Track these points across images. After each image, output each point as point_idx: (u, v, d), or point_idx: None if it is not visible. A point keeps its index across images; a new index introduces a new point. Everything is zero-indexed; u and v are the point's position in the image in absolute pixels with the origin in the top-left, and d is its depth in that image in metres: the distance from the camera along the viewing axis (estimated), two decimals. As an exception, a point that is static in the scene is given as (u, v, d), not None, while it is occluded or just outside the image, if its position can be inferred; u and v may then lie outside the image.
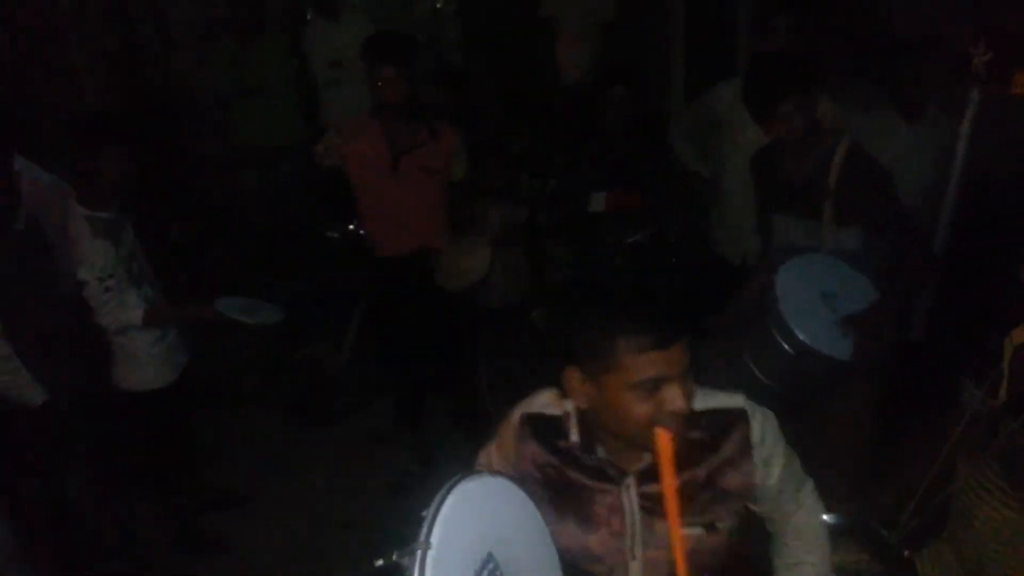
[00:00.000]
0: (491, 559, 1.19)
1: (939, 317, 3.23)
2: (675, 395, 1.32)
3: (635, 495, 1.48)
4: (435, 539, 1.11)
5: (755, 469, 1.51)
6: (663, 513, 1.39)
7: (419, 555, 1.09)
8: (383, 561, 1.10)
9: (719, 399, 1.51)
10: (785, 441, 1.56)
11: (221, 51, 5.13)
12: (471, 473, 1.26)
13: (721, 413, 1.50)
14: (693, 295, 3.46)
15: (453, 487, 1.19)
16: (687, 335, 1.34)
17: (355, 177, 3.46)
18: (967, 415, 1.79)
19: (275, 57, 5.14)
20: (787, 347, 2.47)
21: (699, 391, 1.47)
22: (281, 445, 4.04)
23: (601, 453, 1.48)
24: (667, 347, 1.30)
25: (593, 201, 3.43)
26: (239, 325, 3.13)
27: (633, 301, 1.35)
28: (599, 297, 1.38)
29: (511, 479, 1.37)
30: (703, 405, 1.47)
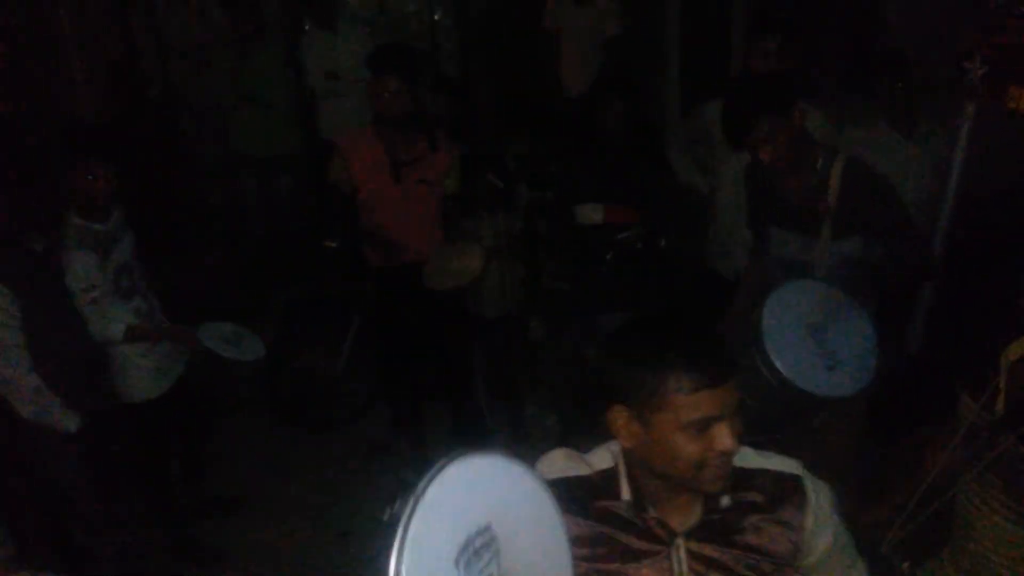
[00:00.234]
0: (489, 530, 1.14)
1: (935, 331, 3.25)
2: (724, 435, 1.31)
3: (685, 556, 1.42)
4: (430, 494, 1.08)
5: (804, 538, 1.46)
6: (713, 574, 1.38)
7: (410, 503, 1.06)
8: (388, 511, 1.08)
9: (774, 461, 1.49)
10: (840, 517, 1.53)
11: (219, 61, 5.15)
12: (493, 451, 1.22)
13: (776, 476, 1.47)
14: (686, 308, 3.47)
15: (465, 456, 1.16)
16: (736, 374, 1.33)
17: (356, 190, 3.46)
18: (964, 428, 1.80)
19: (272, 67, 5.16)
20: (770, 377, 2.43)
21: (754, 451, 1.47)
22: (278, 453, 4.03)
23: (652, 512, 1.43)
24: (718, 386, 1.30)
25: (588, 212, 3.42)
26: (216, 355, 3.18)
27: (685, 339, 1.34)
28: (651, 335, 1.37)
29: (539, 476, 1.30)
30: (758, 465, 1.46)
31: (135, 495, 3.40)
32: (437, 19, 6.17)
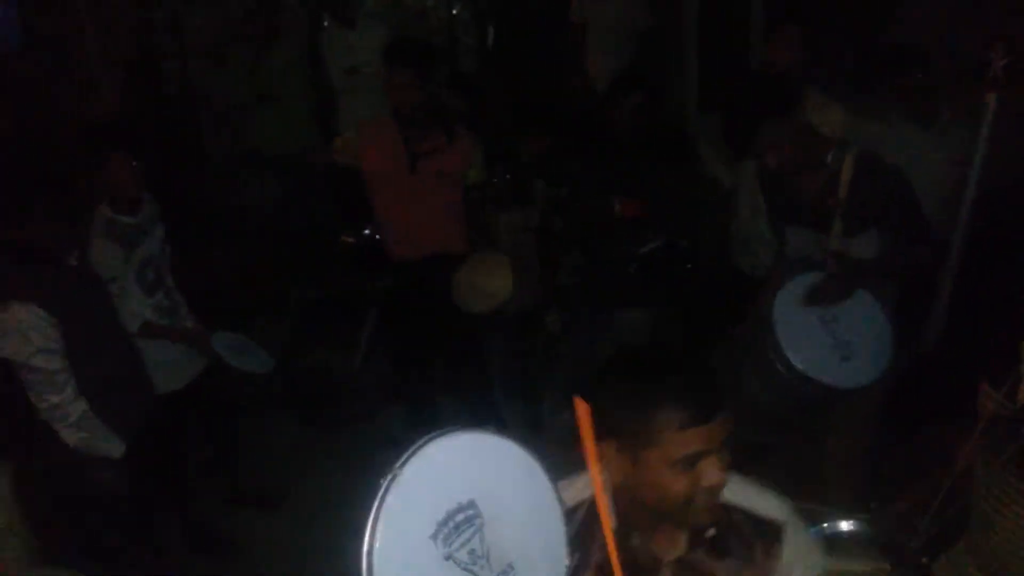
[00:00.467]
0: (472, 506, 1.14)
1: (955, 323, 3.20)
2: (713, 469, 1.31)
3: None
4: (408, 471, 1.09)
5: None
6: None
7: (386, 480, 1.08)
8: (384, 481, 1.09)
9: (760, 501, 1.47)
10: (820, 568, 1.51)
11: (237, 58, 5.16)
12: (481, 428, 1.23)
13: (756, 520, 1.46)
14: (711, 306, 3.45)
15: (449, 433, 1.16)
16: (726, 408, 1.32)
17: (371, 179, 3.47)
18: (985, 420, 1.78)
19: (291, 64, 5.17)
20: (784, 371, 2.44)
21: (746, 483, 1.45)
22: (295, 450, 4.05)
23: (636, 540, 1.44)
24: (707, 421, 1.30)
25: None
26: (225, 363, 3.21)
27: (674, 375, 1.33)
28: (640, 371, 1.37)
29: (532, 452, 1.29)
30: (745, 503, 1.45)
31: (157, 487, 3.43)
32: (455, 13, 6.16)
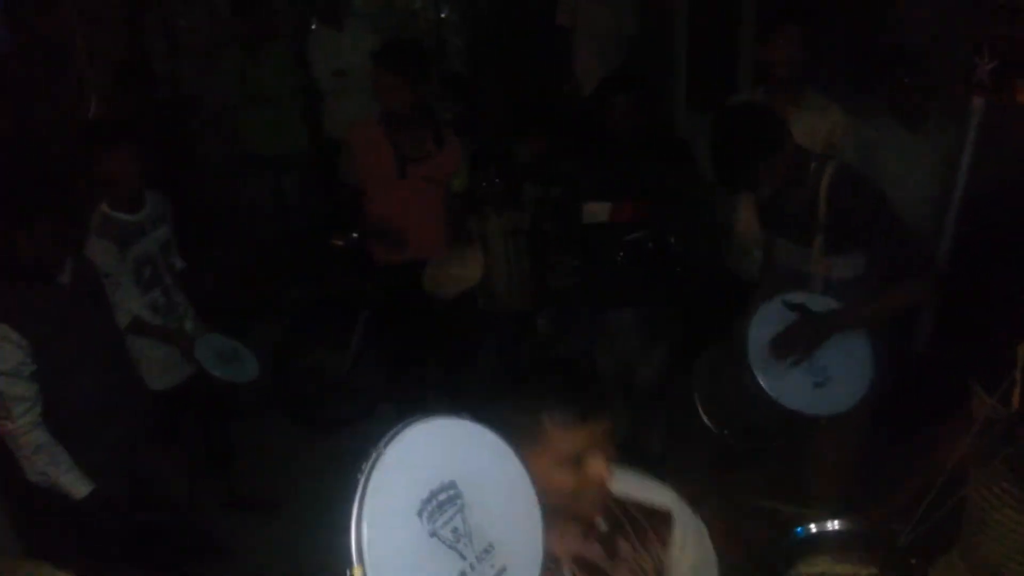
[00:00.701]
0: (454, 487, 1.17)
1: (945, 325, 3.23)
2: (599, 465, 1.35)
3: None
4: (391, 451, 1.12)
5: (668, 567, 1.51)
6: None
7: (372, 458, 1.11)
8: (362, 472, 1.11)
9: (648, 492, 1.52)
10: (709, 553, 1.56)
11: (228, 60, 5.14)
12: (460, 415, 1.27)
13: (648, 508, 1.51)
14: (701, 308, 3.45)
15: (430, 418, 1.21)
16: (609, 406, 1.37)
17: (360, 182, 3.47)
18: (979, 423, 1.79)
19: (281, 66, 5.16)
20: (758, 393, 2.40)
21: (633, 478, 1.50)
22: (287, 452, 4.03)
23: None
24: (591, 419, 1.33)
25: (595, 211, 3.41)
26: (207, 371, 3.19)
27: (557, 379, 1.37)
28: (523, 375, 1.41)
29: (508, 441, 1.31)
30: (634, 494, 1.49)
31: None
32: (444, 16, 6.15)
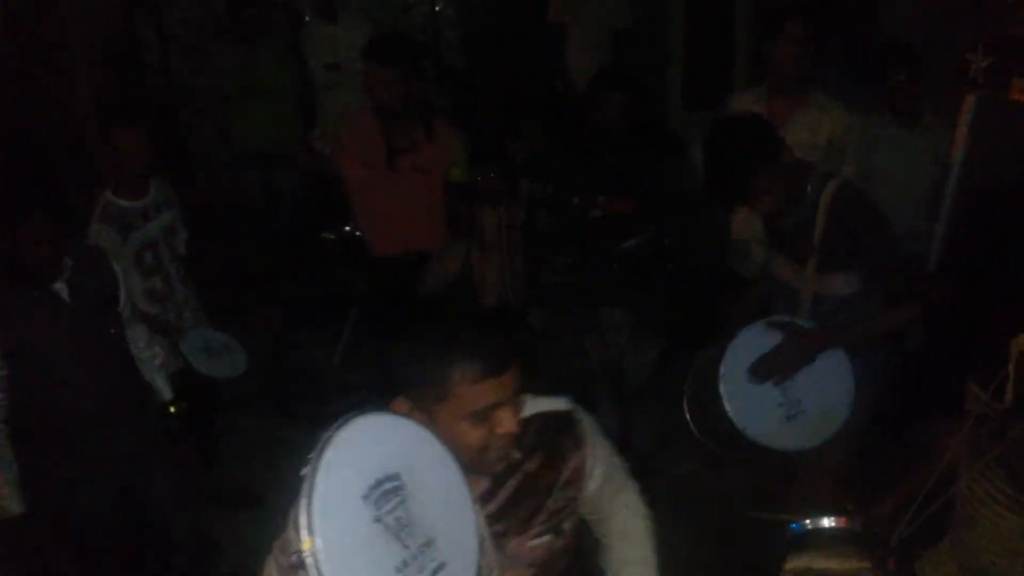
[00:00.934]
0: (397, 478, 1.19)
1: (939, 322, 3.22)
2: (507, 418, 1.34)
3: (483, 520, 1.45)
4: (344, 433, 1.16)
5: (586, 467, 1.55)
6: (513, 529, 1.45)
7: (324, 439, 1.15)
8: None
9: (544, 403, 1.54)
10: (609, 444, 1.61)
11: (221, 53, 5.12)
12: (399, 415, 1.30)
13: (550, 417, 1.53)
14: (697, 305, 3.44)
15: (380, 411, 1.25)
16: (518, 359, 1.35)
17: (350, 174, 3.46)
18: (972, 419, 1.78)
19: (275, 59, 5.13)
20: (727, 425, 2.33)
21: (531, 397, 1.50)
22: (274, 445, 4.00)
23: None
24: (501, 374, 1.32)
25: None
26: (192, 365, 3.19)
27: (467, 331, 1.35)
28: (433, 328, 1.38)
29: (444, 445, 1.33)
30: (531, 410, 1.49)
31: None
32: (438, 10, 6.13)
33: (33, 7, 4.40)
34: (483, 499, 1.46)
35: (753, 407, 2.33)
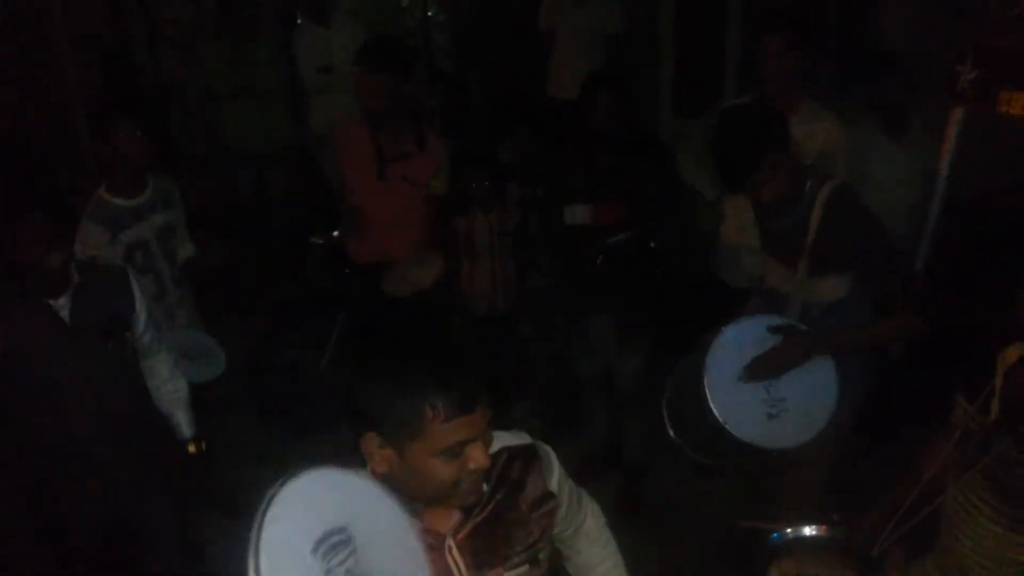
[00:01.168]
0: (345, 531, 1.21)
1: (927, 333, 3.24)
2: (478, 454, 1.35)
3: (458, 555, 1.46)
4: (289, 488, 1.19)
5: (552, 493, 1.56)
6: (489, 562, 1.46)
7: (269, 495, 1.17)
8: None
9: (507, 438, 1.55)
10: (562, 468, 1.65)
11: (213, 53, 5.10)
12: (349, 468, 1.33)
13: (515, 449, 1.54)
14: (685, 314, 3.44)
15: (327, 468, 1.29)
16: (489, 396, 1.36)
17: (342, 182, 3.45)
18: (959, 432, 1.79)
19: (266, 61, 5.12)
20: (710, 419, 2.33)
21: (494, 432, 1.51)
22: (259, 450, 3.99)
23: (416, 523, 1.45)
24: (472, 411, 1.32)
25: (576, 213, 3.39)
26: None
27: (439, 370, 1.34)
28: (404, 365, 1.37)
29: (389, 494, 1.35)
30: (496, 446, 1.50)
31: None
32: (430, 15, 6.13)
33: (25, 6, 4.38)
34: (455, 532, 1.46)
35: (736, 403, 2.33)
